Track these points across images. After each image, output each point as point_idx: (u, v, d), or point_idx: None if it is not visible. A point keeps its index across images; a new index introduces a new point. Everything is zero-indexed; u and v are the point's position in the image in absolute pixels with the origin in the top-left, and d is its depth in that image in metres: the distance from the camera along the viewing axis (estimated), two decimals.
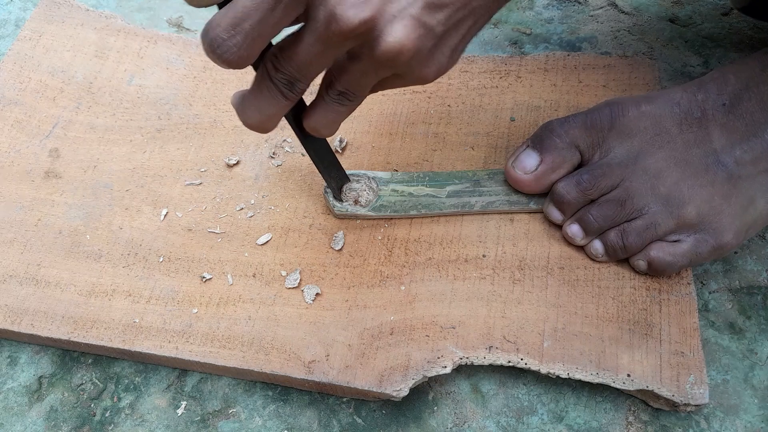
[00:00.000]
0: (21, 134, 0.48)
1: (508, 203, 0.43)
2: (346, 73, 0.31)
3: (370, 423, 0.39)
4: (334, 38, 0.28)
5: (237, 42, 0.27)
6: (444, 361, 0.38)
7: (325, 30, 0.28)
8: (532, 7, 0.58)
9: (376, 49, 0.28)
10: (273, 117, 0.32)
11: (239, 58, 0.28)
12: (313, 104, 0.33)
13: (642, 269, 0.40)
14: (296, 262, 0.42)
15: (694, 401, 0.37)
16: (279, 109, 0.32)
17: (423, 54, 0.30)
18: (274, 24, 0.28)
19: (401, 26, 0.28)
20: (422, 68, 0.31)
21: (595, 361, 0.38)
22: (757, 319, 0.42)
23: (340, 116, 0.34)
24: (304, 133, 0.36)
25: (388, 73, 0.31)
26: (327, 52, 0.29)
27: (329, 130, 0.35)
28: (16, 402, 0.40)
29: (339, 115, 0.33)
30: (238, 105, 0.32)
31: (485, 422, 0.39)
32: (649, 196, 0.39)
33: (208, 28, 0.28)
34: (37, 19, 0.53)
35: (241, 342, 0.39)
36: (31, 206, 0.45)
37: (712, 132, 0.38)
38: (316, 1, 0.27)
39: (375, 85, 0.32)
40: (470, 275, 0.41)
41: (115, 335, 0.40)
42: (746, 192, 0.38)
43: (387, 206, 0.43)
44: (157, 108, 0.49)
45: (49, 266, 0.42)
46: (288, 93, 0.31)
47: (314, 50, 0.28)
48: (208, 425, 0.39)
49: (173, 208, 0.44)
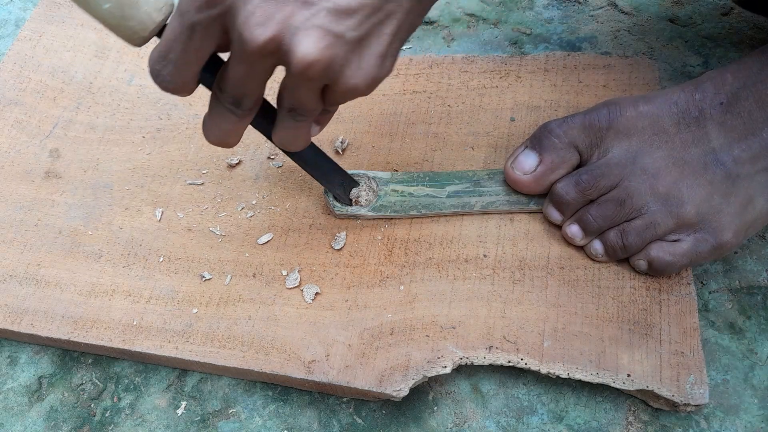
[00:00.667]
0: (21, 134, 0.48)
1: (508, 203, 0.43)
2: (284, 89, 0.32)
3: (370, 423, 0.39)
4: (250, 58, 0.29)
5: (169, 71, 0.30)
6: (444, 361, 0.38)
7: (240, 51, 0.29)
8: (532, 7, 0.58)
9: (291, 63, 0.29)
10: (231, 133, 0.34)
11: (176, 86, 0.31)
12: (276, 122, 0.34)
13: (642, 269, 0.40)
14: (296, 262, 0.42)
15: (694, 401, 0.37)
16: (235, 125, 0.33)
17: (339, 63, 0.30)
18: (196, 51, 0.29)
19: (306, 37, 0.28)
20: (348, 78, 0.30)
21: (595, 361, 0.38)
22: (757, 319, 0.42)
23: (300, 131, 0.34)
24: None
25: (315, 85, 0.31)
26: (253, 71, 0.30)
27: (297, 145, 0.36)
28: (16, 402, 0.40)
29: (299, 130, 0.34)
30: (202, 125, 0.35)
31: (485, 422, 0.39)
32: (648, 195, 0.39)
33: (149, 60, 0.31)
34: (37, 19, 0.53)
35: (241, 342, 0.39)
36: (31, 206, 0.45)
37: (711, 131, 0.38)
38: (230, 24, 0.29)
39: (322, 99, 0.32)
40: (470, 275, 0.41)
41: (115, 335, 0.40)
42: (745, 191, 0.38)
43: (387, 206, 0.43)
44: (157, 108, 0.49)
45: (49, 266, 0.42)
46: (236, 110, 0.32)
47: (241, 70, 0.30)
48: (208, 425, 0.39)
49: (173, 208, 0.44)
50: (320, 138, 0.47)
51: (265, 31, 0.28)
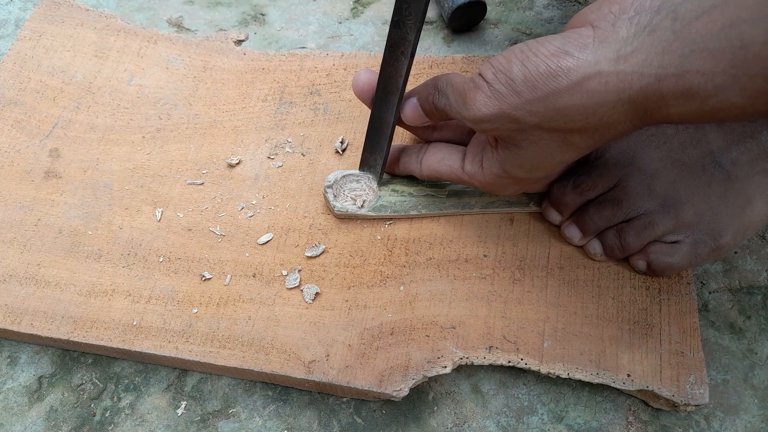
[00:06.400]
0: (21, 134, 0.48)
1: (508, 203, 0.43)
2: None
3: (370, 423, 0.39)
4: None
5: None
6: (444, 361, 0.38)
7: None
8: (532, 7, 0.58)
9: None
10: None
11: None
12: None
13: (641, 269, 0.40)
14: (296, 262, 0.42)
15: (694, 401, 0.37)
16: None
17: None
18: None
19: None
20: None
21: (595, 361, 0.38)
22: (757, 319, 0.42)
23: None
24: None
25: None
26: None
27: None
28: (16, 402, 0.40)
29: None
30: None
31: (485, 422, 0.39)
32: (646, 196, 0.39)
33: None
34: (37, 19, 0.53)
35: (241, 342, 0.39)
36: (31, 206, 0.45)
37: (709, 133, 0.38)
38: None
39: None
40: (470, 275, 0.41)
41: (115, 335, 0.40)
42: (743, 193, 0.38)
43: (387, 206, 0.43)
44: (157, 108, 0.49)
45: (49, 266, 0.42)
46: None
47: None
48: (208, 425, 0.39)
49: (173, 208, 0.44)
50: (320, 138, 0.47)
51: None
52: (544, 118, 0.31)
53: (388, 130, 0.40)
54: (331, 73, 0.50)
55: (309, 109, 0.49)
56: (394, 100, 0.39)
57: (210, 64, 0.51)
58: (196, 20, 0.58)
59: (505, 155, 0.35)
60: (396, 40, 0.36)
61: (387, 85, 0.39)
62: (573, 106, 0.30)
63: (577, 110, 0.30)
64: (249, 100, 0.49)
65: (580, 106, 0.29)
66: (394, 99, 0.39)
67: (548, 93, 0.30)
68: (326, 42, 0.56)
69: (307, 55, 0.52)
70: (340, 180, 0.44)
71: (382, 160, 0.42)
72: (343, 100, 0.49)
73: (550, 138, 0.32)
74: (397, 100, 0.39)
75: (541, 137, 0.32)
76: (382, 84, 0.39)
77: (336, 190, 0.44)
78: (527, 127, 0.32)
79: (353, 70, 0.50)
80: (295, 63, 0.51)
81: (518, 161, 0.34)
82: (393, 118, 0.40)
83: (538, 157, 0.33)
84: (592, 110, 0.29)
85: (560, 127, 0.31)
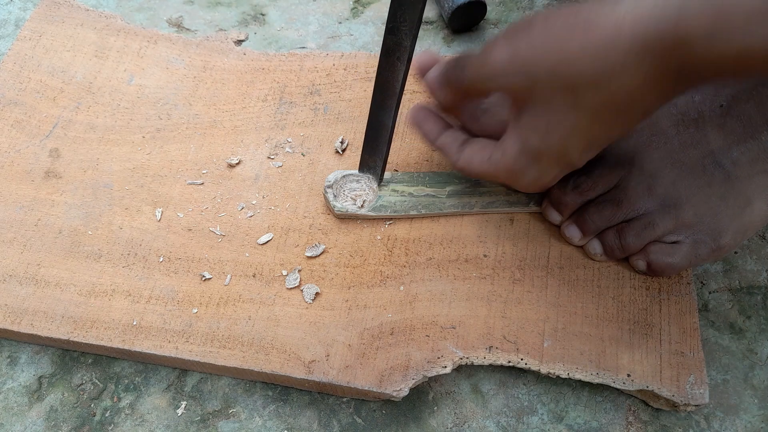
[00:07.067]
0: (21, 134, 0.48)
1: (508, 203, 0.43)
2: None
3: (370, 423, 0.39)
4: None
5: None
6: (444, 361, 0.38)
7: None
8: (532, 7, 0.58)
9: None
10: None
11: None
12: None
13: (641, 269, 0.40)
14: (296, 262, 0.42)
15: (694, 401, 0.37)
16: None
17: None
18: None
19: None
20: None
21: (595, 361, 0.38)
22: (757, 319, 0.42)
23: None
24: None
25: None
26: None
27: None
28: (16, 402, 0.40)
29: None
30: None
31: (485, 422, 0.39)
32: (646, 196, 0.39)
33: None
34: (37, 19, 0.53)
35: (241, 342, 0.39)
36: (31, 206, 0.45)
37: (709, 133, 0.38)
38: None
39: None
40: (470, 275, 0.41)
41: (115, 335, 0.40)
42: (743, 193, 0.38)
43: (387, 206, 0.43)
44: (157, 108, 0.49)
45: (49, 266, 0.42)
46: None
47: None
48: (208, 425, 0.39)
49: (173, 208, 0.44)
50: (320, 138, 0.47)
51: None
52: (556, 63, 0.30)
53: (386, 133, 0.41)
54: (331, 73, 0.50)
55: (309, 109, 0.49)
56: (392, 104, 0.39)
57: (210, 64, 0.51)
58: (196, 20, 0.58)
59: (521, 121, 0.34)
60: (391, 46, 0.36)
61: (384, 89, 0.39)
62: (584, 48, 0.29)
63: (587, 55, 0.29)
64: (249, 100, 0.49)
65: (592, 49, 0.29)
66: (392, 103, 0.39)
67: (561, 36, 0.30)
68: (326, 42, 0.56)
69: (307, 55, 0.52)
70: (340, 180, 0.44)
71: (382, 161, 0.42)
72: (343, 100, 0.49)
73: (563, 98, 0.31)
74: (395, 104, 0.39)
75: (554, 96, 0.32)
76: (380, 88, 0.39)
77: (336, 190, 0.44)
78: (539, 79, 0.31)
79: (353, 70, 0.50)
80: (295, 63, 0.51)
81: (533, 125, 0.34)
82: (392, 121, 0.40)
83: (551, 119, 0.33)
84: (603, 56, 0.29)
85: (571, 80, 0.30)
